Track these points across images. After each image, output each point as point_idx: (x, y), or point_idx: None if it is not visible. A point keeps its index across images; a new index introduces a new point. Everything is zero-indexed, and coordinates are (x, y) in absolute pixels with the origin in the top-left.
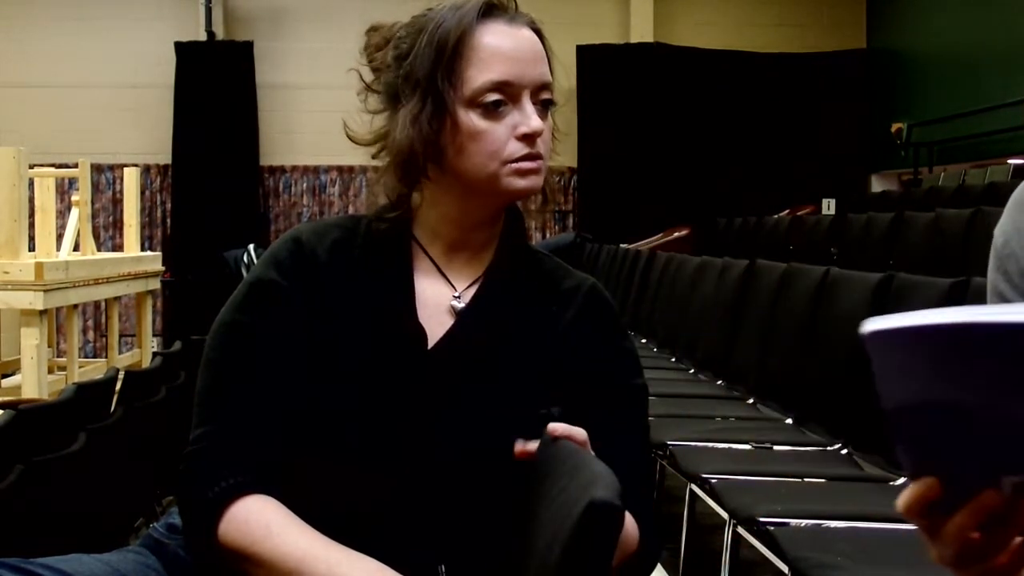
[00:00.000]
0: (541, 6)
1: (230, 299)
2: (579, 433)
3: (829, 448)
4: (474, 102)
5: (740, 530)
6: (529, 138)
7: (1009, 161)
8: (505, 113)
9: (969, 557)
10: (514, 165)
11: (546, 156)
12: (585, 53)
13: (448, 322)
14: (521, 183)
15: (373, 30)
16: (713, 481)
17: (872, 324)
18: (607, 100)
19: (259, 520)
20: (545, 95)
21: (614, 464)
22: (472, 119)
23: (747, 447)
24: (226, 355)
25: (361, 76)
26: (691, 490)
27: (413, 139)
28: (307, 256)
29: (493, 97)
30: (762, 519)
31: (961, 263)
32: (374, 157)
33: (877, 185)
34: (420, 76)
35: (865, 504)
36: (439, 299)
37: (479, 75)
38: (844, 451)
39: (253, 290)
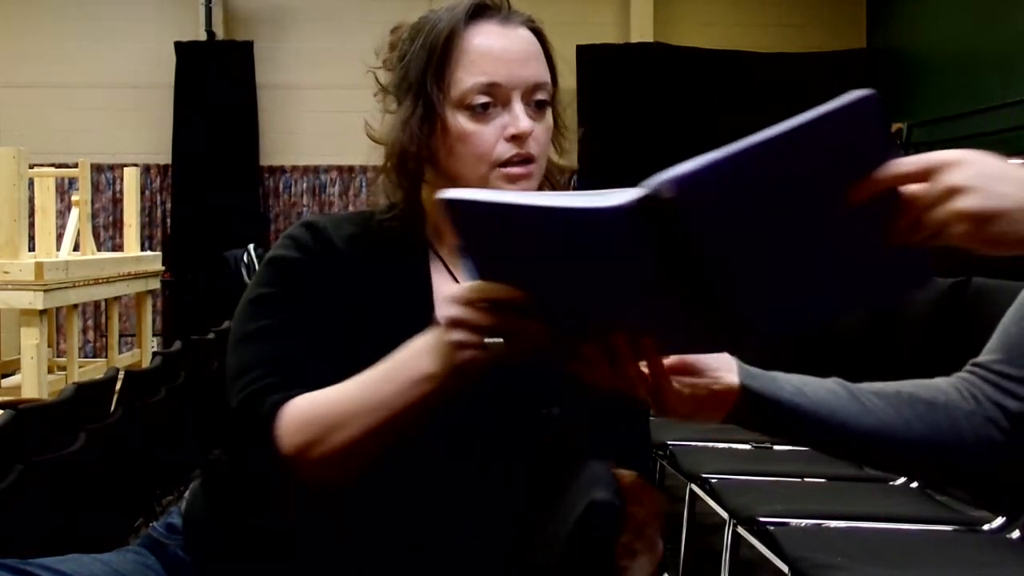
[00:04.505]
0: (541, 6)
1: (251, 281)
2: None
3: None
4: (462, 104)
5: (740, 530)
6: (518, 139)
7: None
8: (494, 115)
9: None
10: (503, 169)
11: (540, 156)
12: (585, 53)
13: None
14: (510, 186)
15: (394, 30)
16: (713, 481)
17: (449, 193)
18: (607, 100)
19: (310, 401)
20: (539, 95)
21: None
22: (460, 121)
23: (747, 447)
24: (257, 324)
25: (376, 77)
26: (691, 490)
27: (404, 142)
28: (325, 240)
29: (481, 99)
30: (762, 519)
31: (961, 263)
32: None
33: None
34: (412, 78)
35: (865, 504)
36: None
37: (467, 77)
38: None
39: (273, 265)
